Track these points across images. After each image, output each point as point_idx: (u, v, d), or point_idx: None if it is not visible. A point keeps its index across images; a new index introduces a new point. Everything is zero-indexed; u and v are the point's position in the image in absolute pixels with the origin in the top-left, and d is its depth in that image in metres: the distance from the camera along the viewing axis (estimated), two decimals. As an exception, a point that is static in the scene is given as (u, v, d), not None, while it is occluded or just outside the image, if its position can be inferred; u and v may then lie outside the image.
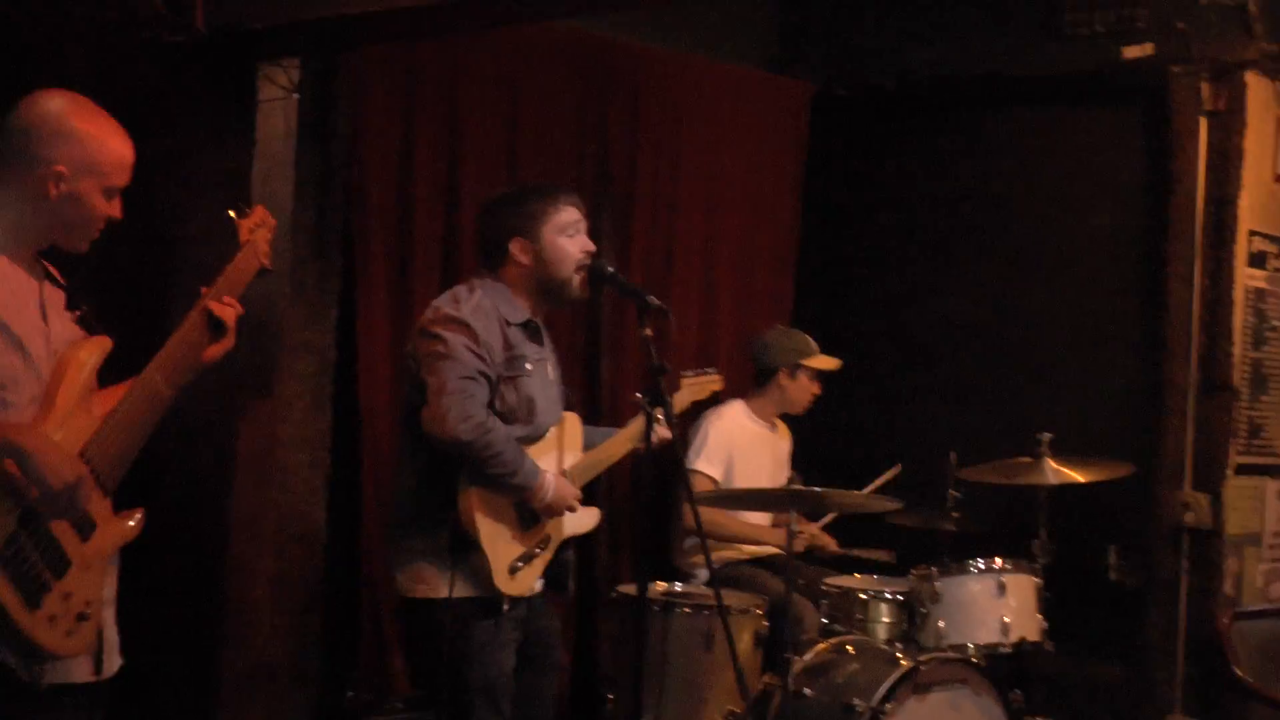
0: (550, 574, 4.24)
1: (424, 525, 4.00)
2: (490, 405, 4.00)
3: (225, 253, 3.28)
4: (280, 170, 4.67)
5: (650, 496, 5.75)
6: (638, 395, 4.20)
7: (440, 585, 3.94)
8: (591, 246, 4.20)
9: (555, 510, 4.12)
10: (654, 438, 4.06)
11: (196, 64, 4.57)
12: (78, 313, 3.08)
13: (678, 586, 5.16)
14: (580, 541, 5.55)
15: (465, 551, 3.95)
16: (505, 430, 3.98)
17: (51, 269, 3.08)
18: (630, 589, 4.89)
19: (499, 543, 4.00)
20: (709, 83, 6.25)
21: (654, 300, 4.04)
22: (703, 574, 5.57)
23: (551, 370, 4.27)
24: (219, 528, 4.54)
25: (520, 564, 4.05)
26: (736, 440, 5.70)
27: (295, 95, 4.65)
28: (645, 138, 6.00)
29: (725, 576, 5.49)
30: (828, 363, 5.80)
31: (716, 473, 5.62)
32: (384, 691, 4.97)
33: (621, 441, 4.45)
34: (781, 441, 5.94)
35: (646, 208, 6.01)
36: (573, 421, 4.32)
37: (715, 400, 5.76)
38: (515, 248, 4.12)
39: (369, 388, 5.13)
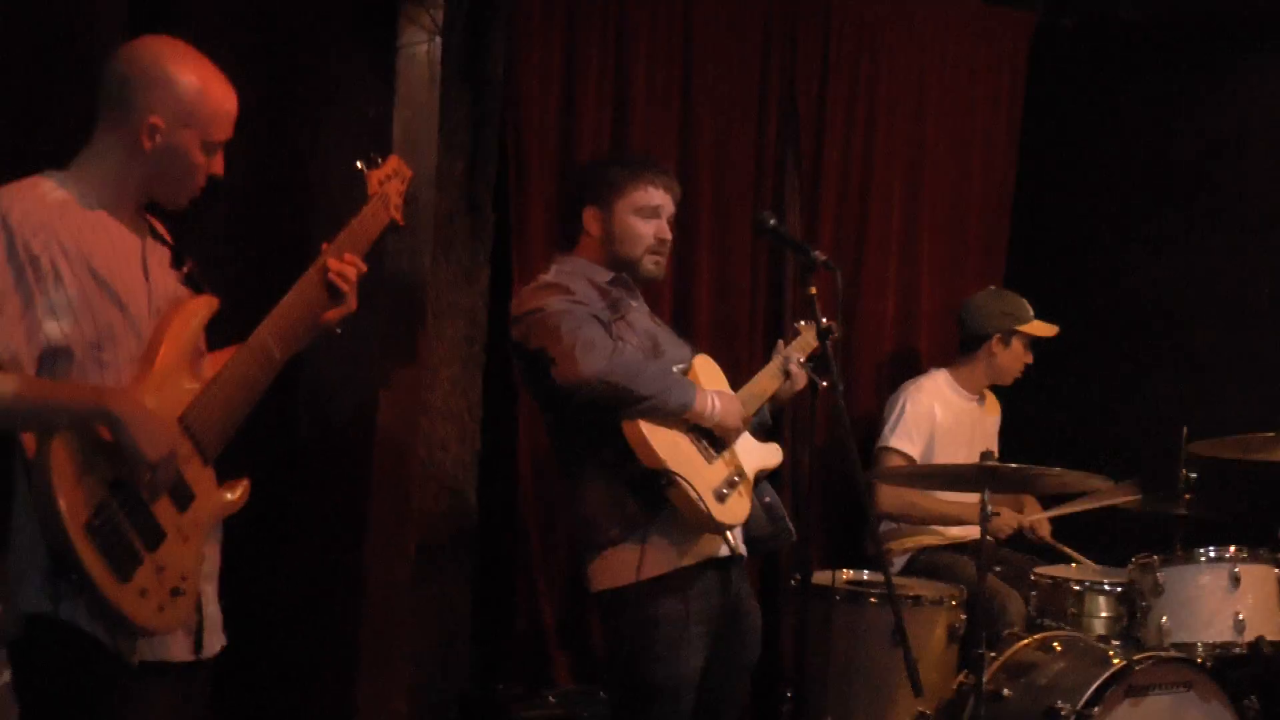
0: (758, 524, 4.22)
1: (610, 497, 4.03)
2: None
3: (354, 206, 3.37)
4: (423, 118, 4.69)
5: (839, 475, 5.68)
6: (780, 344, 4.35)
7: (629, 569, 3.95)
8: (668, 235, 4.26)
9: (729, 428, 4.10)
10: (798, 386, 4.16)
11: (334, 7, 4.64)
12: (183, 270, 3.17)
13: (865, 575, 5.13)
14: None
15: (660, 496, 3.93)
16: (636, 352, 4.01)
17: (158, 224, 3.19)
18: (820, 578, 4.81)
19: (695, 468, 3.99)
20: (912, 11, 6.18)
21: (819, 255, 4.08)
22: (898, 561, 5.57)
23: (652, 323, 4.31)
24: (359, 505, 4.57)
25: (726, 490, 4.04)
26: (938, 414, 5.65)
27: (439, 38, 4.68)
28: (838, 74, 5.96)
29: (923, 563, 5.54)
30: (1044, 329, 5.70)
31: (914, 450, 5.57)
32: (538, 683, 5.01)
33: (770, 376, 4.38)
34: (989, 416, 5.87)
35: (837, 154, 5.97)
36: (706, 363, 4.31)
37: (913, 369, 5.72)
38: (588, 216, 4.24)
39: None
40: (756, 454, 4.26)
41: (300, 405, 4.67)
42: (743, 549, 4.19)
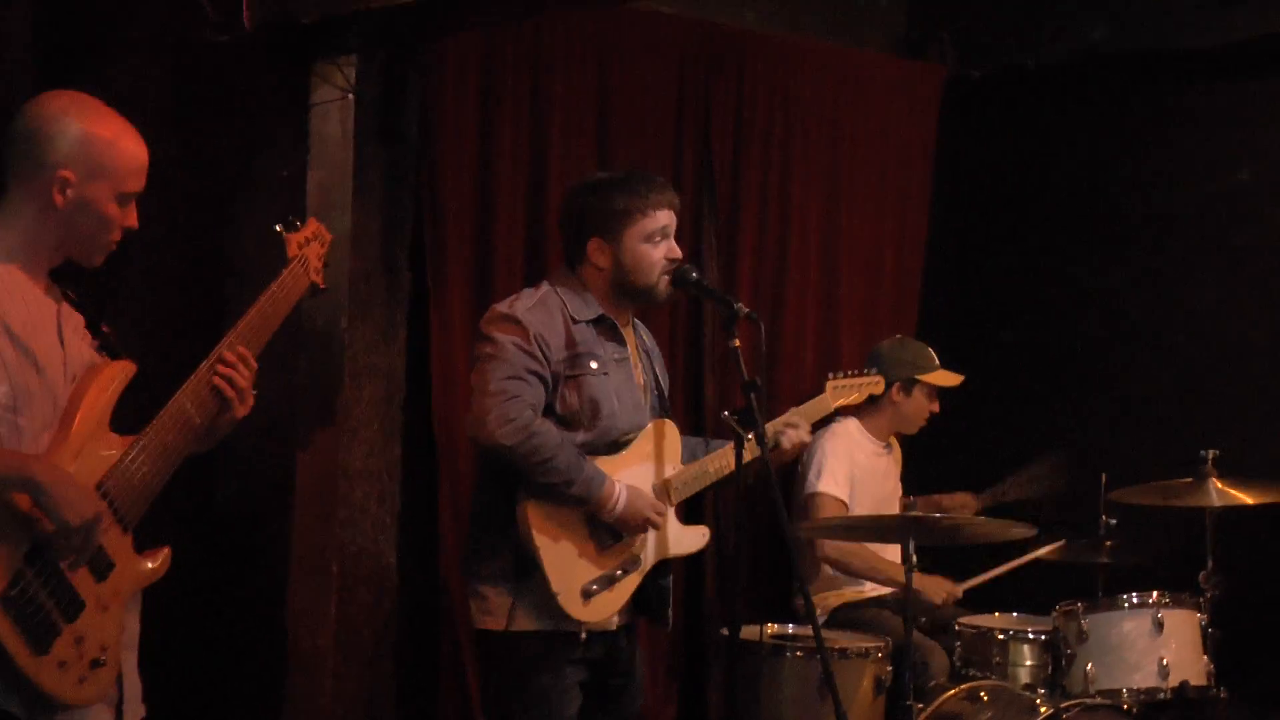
0: (644, 602, 4.20)
1: (489, 546, 4.00)
2: (550, 408, 4.00)
3: (272, 270, 3.33)
4: (339, 177, 4.71)
5: (761, 525, 5.69)
6: (725, 414, 4.18)
7: (504, 615, 3.93)
8: (678, 253, 4.17)
9: (630, 526, 4.05)
10: (791, 443, 4.12)
11: (246, 64, 4.62)
12: (98, 339, 3.12)
13: (790, 629, 5.12)
14: (688, 577, 5.66)
15: (529, 574, 3.92)
16: (558, 434, 3.95)
17: (70, 293, 3.13)
18: (747, 632, 4.79)
19: (567, 563, 3.96)
20: (825, 67, 6.22)
21: (742, 307, 4.05)
22: (821, 616, 5.51)
23: (641, 373, 4.25)
24: (278, 570, 4.56)
25: (596, 588, 3.99)
26: (856, 459, 5.64)
27: (352, 95, 4.67)
28: (753, 129, 5.97)
29: (844, 618, 5.49)
30: (948, 379, 5.70)
31: (842, 493, 5.53)
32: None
33: (728, 457, 4.30)
34: (895, 464, 5.87)
35: (754, 206, 5.98)
36: (670, 430, 4.27)
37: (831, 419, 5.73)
38: (592, 247, 4.12)
39: (445, 414, 5.12)
40: (676, 540, 4.23)
41: (218, 469, 4.64)
42: (615, 624, 4.14)
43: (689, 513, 4.37)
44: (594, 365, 4.06)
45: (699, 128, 5.84)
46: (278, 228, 3.39)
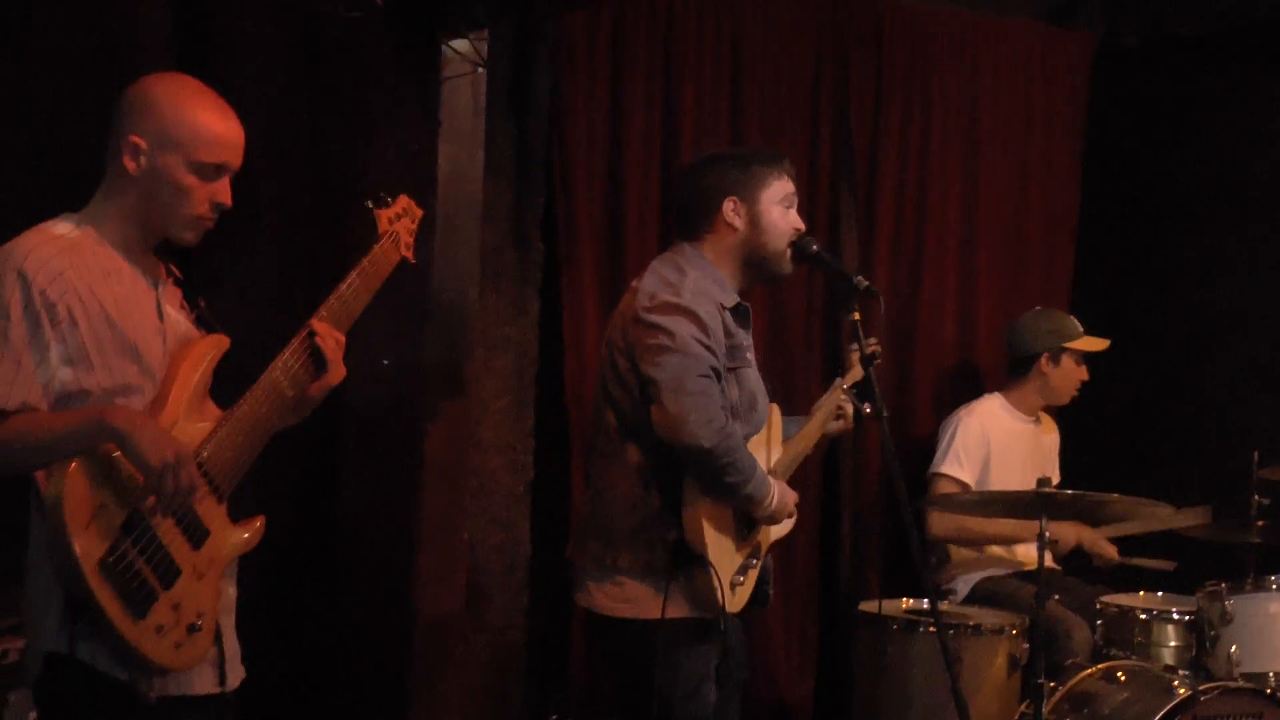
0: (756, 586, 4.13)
1: (640, 538, 3.86)
2: None
3: (364, 246, 3.30)
4: (469, 151, 4.64)
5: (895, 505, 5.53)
6: (838, 381, 4.21)
7: (652, 605, 3.80)
8: (802, 225, 4.07)
9: (778, 518, 3.99)
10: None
11: (376, 39, 4.58)
12: (195, 312, 3.12)
13: (925, 604, 4.98)
14: (824, 555, 5.57)
15: (687, 567, 3.81)
16: (739, 434, 3.85)
17: (171, 266, 3.13)
18: (872, 607, 4.85)
19: (724, 557, 3.87)
20: (965, 37, 6.03)
21: (860, 281, 3.95)
22: (961, 589, 5.43)
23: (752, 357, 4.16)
24: (406, 539, 4.53)
25: (740, 578, 3.94)
26: (993, 438, 5.49)
27: (482, 69, 4.62)
28: (892, 101, 5.83)
29: (985, 592, 5.39)
30: (1094, 344, 5.55)
31: (966, 475, 5.42)
32: (592, 717, 4.92)
33: (815, 426, 4.26)
34: (1047, 437, 5.72)
35: (892, 178, 5.84)
36: (775, 414, 4.18)
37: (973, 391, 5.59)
38: (729, 207, 3.98)
39: (577, 386, 5.09)
40: (780, 525, 4.14)
41: (347, 438, 4.63)
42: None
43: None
44: (748, 356, 3.99)
45: (836, 100, 5.72)
46: (368, 204, 3.35)
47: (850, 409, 4.21)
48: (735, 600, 3.93)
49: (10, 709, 3.65)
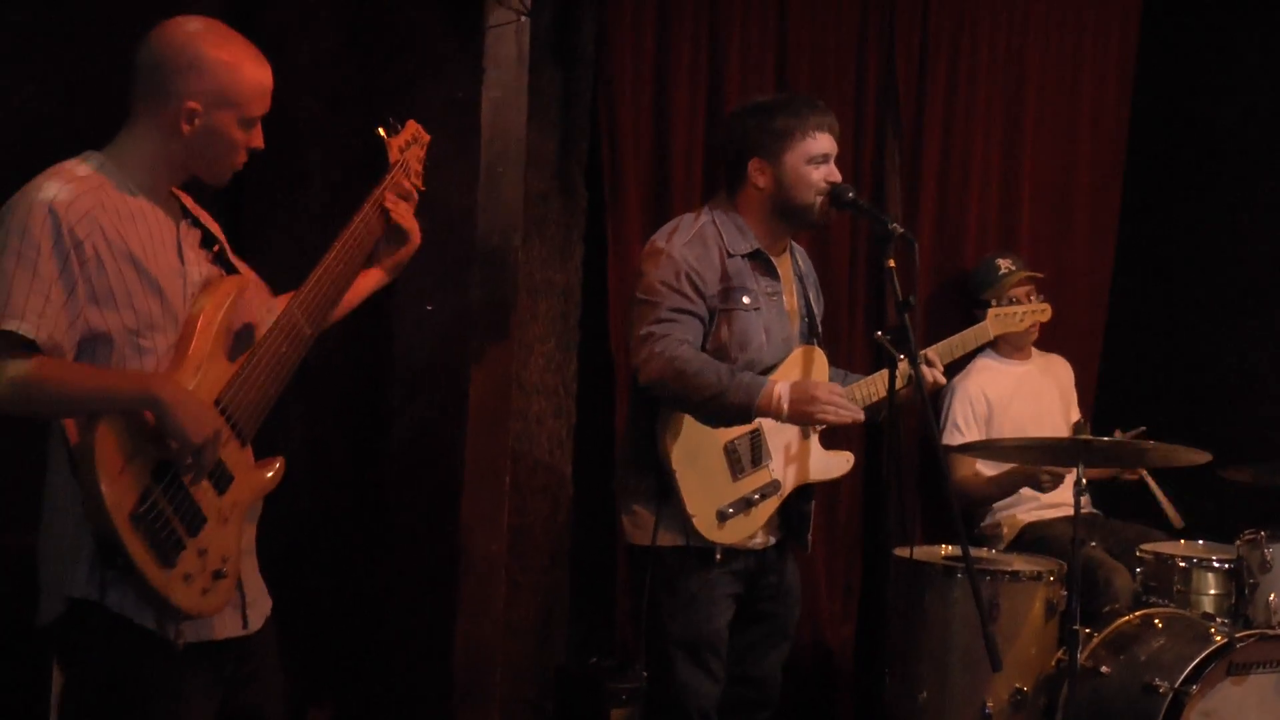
0: (787, 526, 4.09)
1: (639, 465, 3.93)
2: (700, 345, 3.88)
3: (375, 175, 3.24)
4: (513, 99, 4.56)
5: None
6: (879, 334, 4.07)
7: (651, 531, 3.87)
8: (838, 177, 4.00)
9: (810, 417, 3.86)
10: (926, 382, 3.90)
11: (423, -8, 4.52)
12: (214, 250, 3.06)
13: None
14: (868, 500, 5.50)
15: (677, 494, 3.84)
16: (701, 355, 3.83)
17: (190, 203, 3.07)
18: (905, 553, 4.75)
19: (702, 487, 3.86)
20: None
21: (897, 226, 3.85)
22: (1008, 534, 5.38)
23: (797, 302, 4.11)
24: (452, 479, 4.49)
25: (732, 510, 3.89)
26: (990, 393, 5.43)
27: (526, 18, 4.53)
28: (939, 47, 5.67)
29: (1033, 537, 5.31)
30: (1022, 274, 5.43)
31: (973, 436, 5.34)
32: (634, 656, 4.86)
33: (878, 384, 4.13)
34: (1056, 372, 5.63)
35: (938, 125, 5.68)
36: (818, 356, 4.11)
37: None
38: (753, 167, 3.98)
39: (622, 331, 4.97)
40: (815, 465, 4.08)
41: (392, 384, 4.59)
42: (760, 543, 4.02)
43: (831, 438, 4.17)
44: (746, 300, 3.93)
45: (883, 47, 5.58)
46: (379, 131, 3.28)
47: (925, 374, 4.03)
48: (725, 532, 3.89)
49: None
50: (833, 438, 4.15)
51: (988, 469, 5.31)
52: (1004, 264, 5.45)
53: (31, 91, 4.22)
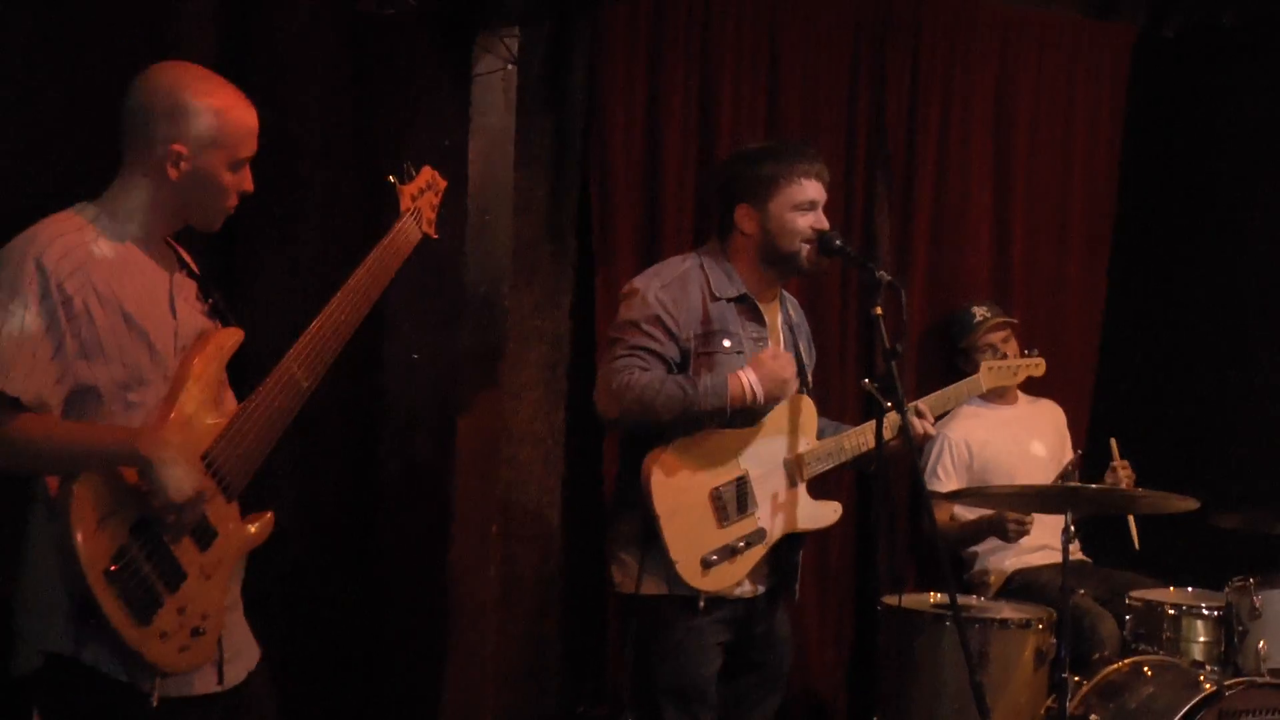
0: (775, 574, 4.06)
1: (626, 512, 3.91)
2: None
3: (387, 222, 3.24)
4: (500, 146, 4.56)
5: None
6: (866, 381, 4.05)
7: (633, 577, 3.86)
8: (825, 225, 4.01)
9: (779, 392, 3.86)
10: (913, 433, 3.91)
11: (411, 37, 4.50)
12: (209, 303, 3.04)
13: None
14: (860, 549, 5.51)
15: (655, 540, 3.81)
16: (656, 376, 3.81)
17: (185, 255, 3.05)
18: (894, 600, 4.70)
19: (687, 533, 3.83)
20: (1004, 30, 5.86)
21: (884, 274, 3.88)
22: (995, 581, 5.34)
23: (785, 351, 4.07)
24: (441, 527, 4.47)
25: (716, 558, 3.85)
26: (972, 438, 5.41)
27: (512, 66, 4.53)
28: (930, 89, 5.68)
29: (1021, 583, 5.26)
30: (996, 320, 5.44)
31: (955, 484, 5.32)
32: (624, 706, 4.82)
33: (867, 434, 4.12)
34: (1041, 414, 5.61)
35: (929, 170, 5.69)
36: (807, 405, 4.09)
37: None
38: (740, 214, 4.01)
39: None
40: (804, 514, 4.05)
41: (382, 431, 4.58)
42: (749, 591, 3.99)
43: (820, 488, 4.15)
44: (727, 344, 3.92)
45: (873, 93, 5.59)
46: (390, 178, 3.28)
47: (915, 424, 4.06)
48: (710, 579, 3.85)
49: None
50: (822, 487, 4.14)
51: (966, 514, 5.29)
52: (979, 311, 5.46)
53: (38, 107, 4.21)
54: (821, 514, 4.11)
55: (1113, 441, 5.23)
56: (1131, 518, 5.23)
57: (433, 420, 4.53)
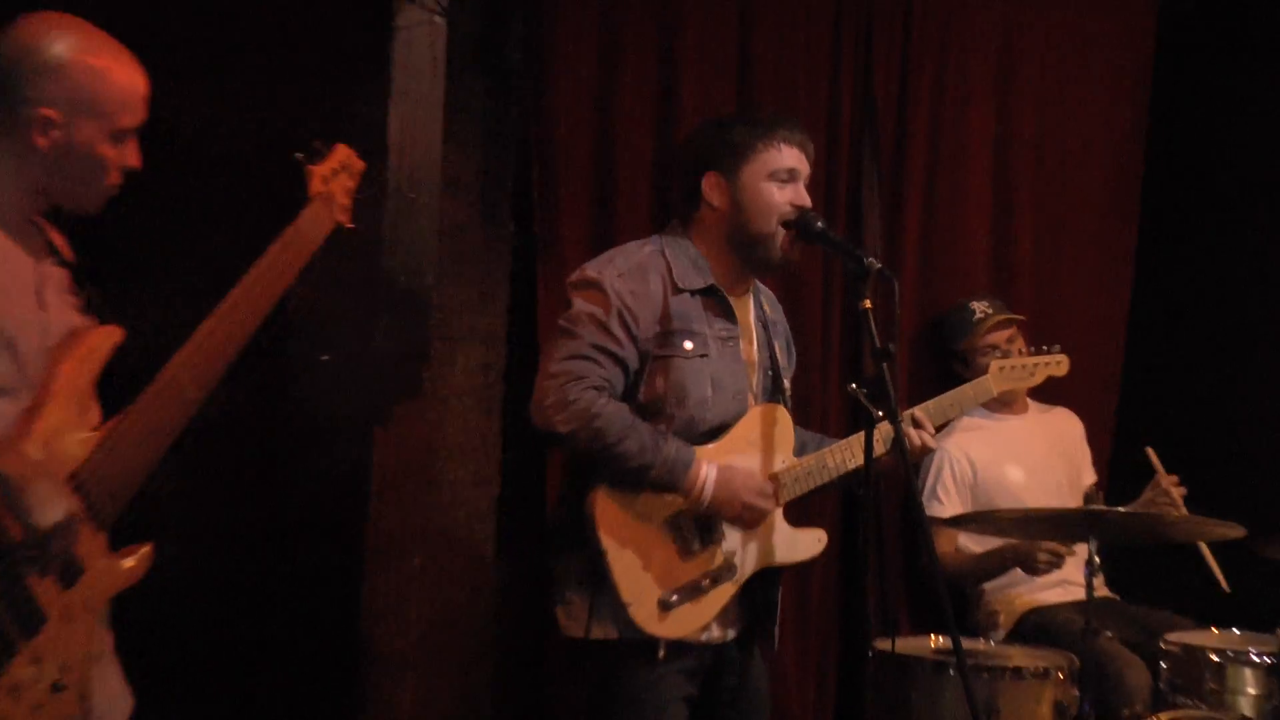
0: (747, 616, 4.05)
1: (571, 543, 3.89)
2: (631, 393, 3.88)
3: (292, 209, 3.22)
4: (425, 114, 4.59)
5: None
6: (852, 387, 4.02)
7: (581, 620, 3.83)
8: (806, 201, 4.00)
9: (728, 513, 3.88)
10: (910, 446, 3.93)
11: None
12: (83, 297, 3.02)
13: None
14: (844, 584, 5.53)
15: (604, 579, 3.80)
16: (628, 416, 3.80)
17: (57, 240, 3.02)
18: (887, 645, 4.72)
19: (640, 569, 3.82)
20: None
21: (873, 262, 3.83)
22: (1005, 622, 5.35)
23: (755, 350, 4.09)
24: (353, 562, 4.51)
25: (676, 598, 3.84)
26: (975, 453, 5.44)
27: (441, 18, 4.53)
28: (924, 51, 5.71)
29: (1035, 625, 5.28)
30: (999, 317, 5.46)
31: (959, 507, 5.35)
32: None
33: (855, 449, 4.12)
34: (1055, 425, 5.65)
35: (923, 143, 5.72)
36: (781, 416, 4.09)
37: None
38: (707, 184, 4.02)
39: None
40: (781, 545, 4.04)
41: (284, 448, 4.57)
42: (718, 637, 3.98)
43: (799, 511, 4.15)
44: (688, 346, 3.92)
45: (859, 54, 5.62)
46: (297, 157, 3.27)
47: (912, 437, 4.07)
48: (669, 624, 3.83)
49: None
50: (802, 512, 4.13)
51: (973, 544, 5.31)
52: (979, 307, 5.49)
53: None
54: (802, 544, 4.09)
55: (1150, 452, 5.25)
56: (1206, 548, 5.21)
57: (345, 434, 4.54)
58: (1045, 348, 4.92)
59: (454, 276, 4.89)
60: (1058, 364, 4.87)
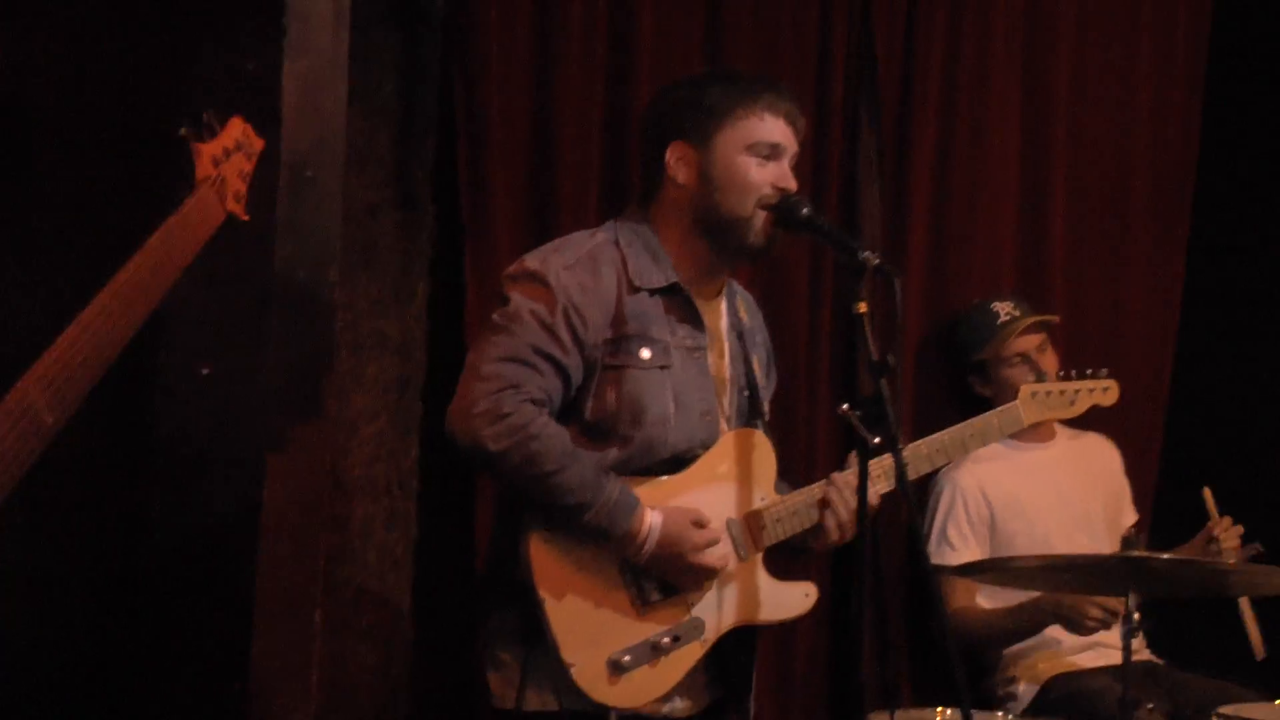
0: (719, 684, 4.01)
1: (502, 594, 3.90)
2: (575, 410, 3.87)
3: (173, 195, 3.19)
4: (328, 73, 4.45)
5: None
6: (844, 408, 3.88)
7: (511, 688, 3.82)
8: (791, 184, 3.96)
9: (671, 572, 3.84)
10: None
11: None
12: None
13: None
14: (835, 645, 5.53)
15: (541, 635, 3.77)
16: (567, 441, 3.76)
17: None
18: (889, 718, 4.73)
19: (585, 621, 3.80)
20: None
21: (871, 256, 3.76)
22: (1025, 692, 5.35)
23: (728, 364, 4.06)
24: (239, 618, 4.35)
25: (629, 659, 3.79)
26: (992, 490, 5.43)
27: (347, -40, 4.49)
28: (929, 6, 5.72)
29: (1062, 693, 5.28)
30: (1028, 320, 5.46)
31: (974, 553, 5.33)
32: None
33: (851, 483, 4.03)
34: (1088, 454, 5.65)
35: (933, 112, 5.74)
36: (760, 442, 4.04)
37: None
38: (672, 156, 3.99)
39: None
40: (764, 600, 4.01)
41: (155, 480, 4.46)
42: (681, 709, 3.96)
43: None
44: (645, 354, 3.89)
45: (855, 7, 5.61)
46: (182, 132, 3.23)
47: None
48: (621, 691, 3.79)
49: None
50: (785, 561, 4.08)
51: (993, 599, 5.27)
52: (1002, 309, 5.48)
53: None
54: (787, 599, 4.05)
55: (1207, 493, 5.21)
56: (1247, 604, 5.19)
57: (229, 463, 4.42)
58: (1089, 371, 4.82)
59: (361, 271, 4.87)
60: (1104, 390, 4.80)
